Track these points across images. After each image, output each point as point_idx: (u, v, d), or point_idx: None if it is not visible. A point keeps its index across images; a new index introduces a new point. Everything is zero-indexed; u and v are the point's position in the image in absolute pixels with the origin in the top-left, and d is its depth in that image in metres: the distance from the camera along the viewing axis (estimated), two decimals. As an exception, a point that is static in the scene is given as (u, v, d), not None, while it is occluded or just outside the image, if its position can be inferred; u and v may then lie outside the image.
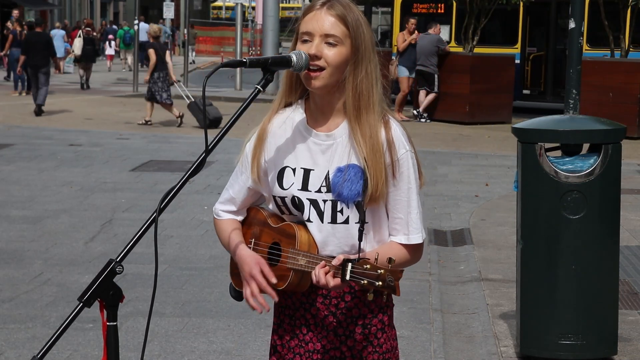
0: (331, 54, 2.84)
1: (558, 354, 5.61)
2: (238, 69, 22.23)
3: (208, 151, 2.75)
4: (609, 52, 18.62)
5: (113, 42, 39.32)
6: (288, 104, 3.00)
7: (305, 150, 2.93)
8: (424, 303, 7.08)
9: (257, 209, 3.04)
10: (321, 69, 2.84)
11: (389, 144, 2.87)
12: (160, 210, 2.70)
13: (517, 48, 23.10)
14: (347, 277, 2.67)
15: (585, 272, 5.56)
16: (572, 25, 6.40)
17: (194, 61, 47.17)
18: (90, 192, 11.22)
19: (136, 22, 29.23)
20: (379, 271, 2.63)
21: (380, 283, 2.63)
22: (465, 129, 19.22)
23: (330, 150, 2.91)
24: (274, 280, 2.87)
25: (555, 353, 5.62)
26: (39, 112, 19.93)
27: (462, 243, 8.97)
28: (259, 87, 2.81)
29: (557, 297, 5.57)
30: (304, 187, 2.91)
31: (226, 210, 3.07)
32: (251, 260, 2.91)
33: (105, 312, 2.70)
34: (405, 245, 2.92)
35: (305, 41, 2.87)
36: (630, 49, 18.97)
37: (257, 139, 3.00)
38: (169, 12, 37.84)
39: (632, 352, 5.97)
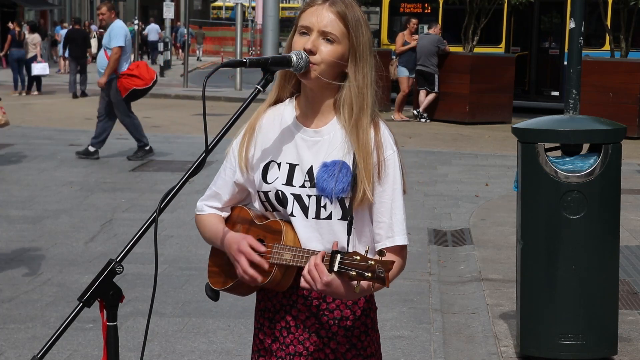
0: (326, 51, 2.82)
1: (558, 354, 5.61)
2: (238, 69, 22.22)
3: (208, 151, 2.74)
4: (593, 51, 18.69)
5: None
6: (279, 100, 2.99)
7: (292, 146, 2.92)
8: (424, 303, 7.08)
9: (241, 208, 3.02)
10: (314, 63, 2.83)
11: (377, 145, 2.85)
12: (160, 210, 2.69)
13: (501, 47, 23.18)
14: (335, 268, 2.63)
15: (585, 272, 5.56)
16: (572, 25, 6.40)
17: (200, 59, 48.10)
18: (90, 192, 11.22)
19: (136, 21, 29.25)
20: (369, 262, 2.59)
21: (369, 274, 2.58)
22: (465, 129, 19.22)
23: (317, 146, 2.89)
24: (262, 249, 2.83)
25: (555, 353, 5.62)
26: (83, 94, 25.04)
27: (462, 243, 8.97)
28: (259, 87, 2.81)
29: (557, 297, 5.57)
30: (289, 181, 2.89)
31: (210, 206, 3.06)
32: (238, 237, 2.89)
33: (105, 312, 2.69)
34: (390, 249, 2.86)
35: (303, 34, 2.85)
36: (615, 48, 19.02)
37: (245, 133, 2.98)
38: (169, 12, 37.81)
39: (632, 352, 5.98)
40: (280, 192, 2.89)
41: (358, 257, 2.61)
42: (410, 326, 6.54)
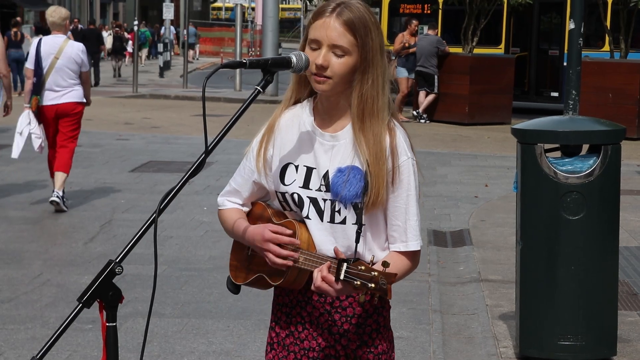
0: (337, 65, 2.85)
1: (557, 354, 5.61)
2: (238, 70, 22.19)
3: (208, 152, 2.75)
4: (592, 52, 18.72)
5: (130, 41, 43.59)
6: (297, 100, 3.01)
7: (310, 149, 2.95)
8: (423, 304, 7.08)
9: (262, 204, 3.05)
10: (328, 77, 2.85)
11: (392, 150, 2.88)
12: (159, 211, 2.70)
13: (500, 48, 23.20)
14: (342, 277, 2.68)
15: (585, 272, 5.56)
16: (572, 25, 6.40)
17: (197, 59, 48.58)
18: (89, 193, 11.23)
19: (136, 23, 29.25)
20: (372, 273, 2.64)
21: (373, 285, 2.64)
22: (464, 129, 19.23)
23: (333, 150, 2.92)
24: (287, 231, 2.87)
25: (554, 354, 5.62)
26: (97, 84, 29.21)
27: (461, 244, 8.97)
28: (258, 88, 2.82)
29: (557, 298, 5.58)
30: (305, 184, 2.93)
31: (231, 201, 3.09)
32: (260, 228, 2.92)
33: (104, 312, 2.69)
34: (404, 253, 2.93)
35: (313, 49, 2.87)
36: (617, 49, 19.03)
37: (264, 133, 3.02)
38: (168, 12, 37.83)
39: (632, 352, 5.98)
40: (296, 194, 2.93)
41: (363, 267, 2.67)
42: (409, 327, 6.54)
